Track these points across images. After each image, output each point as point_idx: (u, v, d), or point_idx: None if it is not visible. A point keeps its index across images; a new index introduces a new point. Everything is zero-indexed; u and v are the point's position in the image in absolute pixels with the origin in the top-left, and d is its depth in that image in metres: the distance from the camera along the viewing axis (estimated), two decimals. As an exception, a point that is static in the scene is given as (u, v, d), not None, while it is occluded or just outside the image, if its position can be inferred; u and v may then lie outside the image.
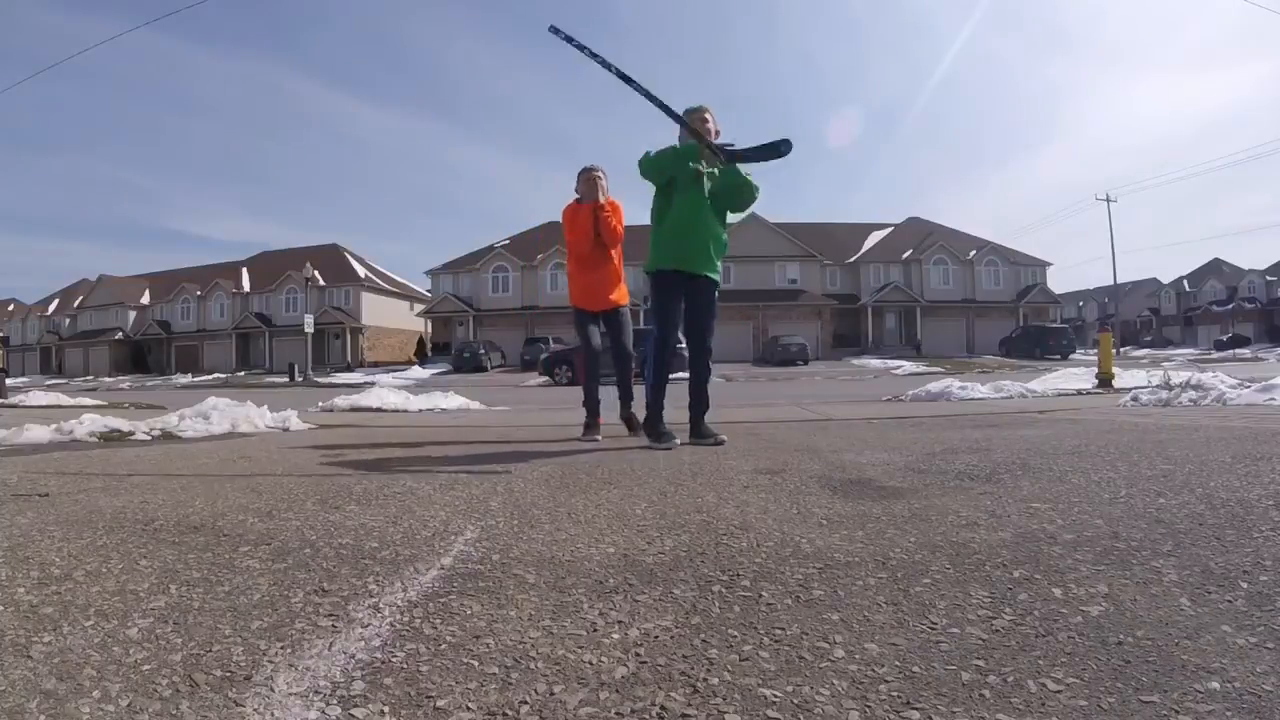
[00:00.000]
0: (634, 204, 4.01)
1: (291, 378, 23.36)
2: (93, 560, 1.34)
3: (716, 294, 3.29)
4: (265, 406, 4.62)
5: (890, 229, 39.88)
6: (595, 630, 0.97)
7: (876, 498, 1.80)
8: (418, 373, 26.90)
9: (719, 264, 3.26)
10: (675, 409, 3.27)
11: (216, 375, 31.00)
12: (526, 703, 0.77)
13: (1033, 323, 34.55)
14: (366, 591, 1.14)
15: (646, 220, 3.36)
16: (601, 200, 3.66)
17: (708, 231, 3.17)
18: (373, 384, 11.07)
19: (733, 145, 3.05)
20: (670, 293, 3.19)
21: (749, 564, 1.26)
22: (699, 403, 3.30)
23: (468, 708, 0.76)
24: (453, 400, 6.95)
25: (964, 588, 1.10)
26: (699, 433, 3.22)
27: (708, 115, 3.11)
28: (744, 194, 3.15)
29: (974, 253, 37.03)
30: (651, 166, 3.12)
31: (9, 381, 9.95)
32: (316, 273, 34.32)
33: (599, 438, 3.58)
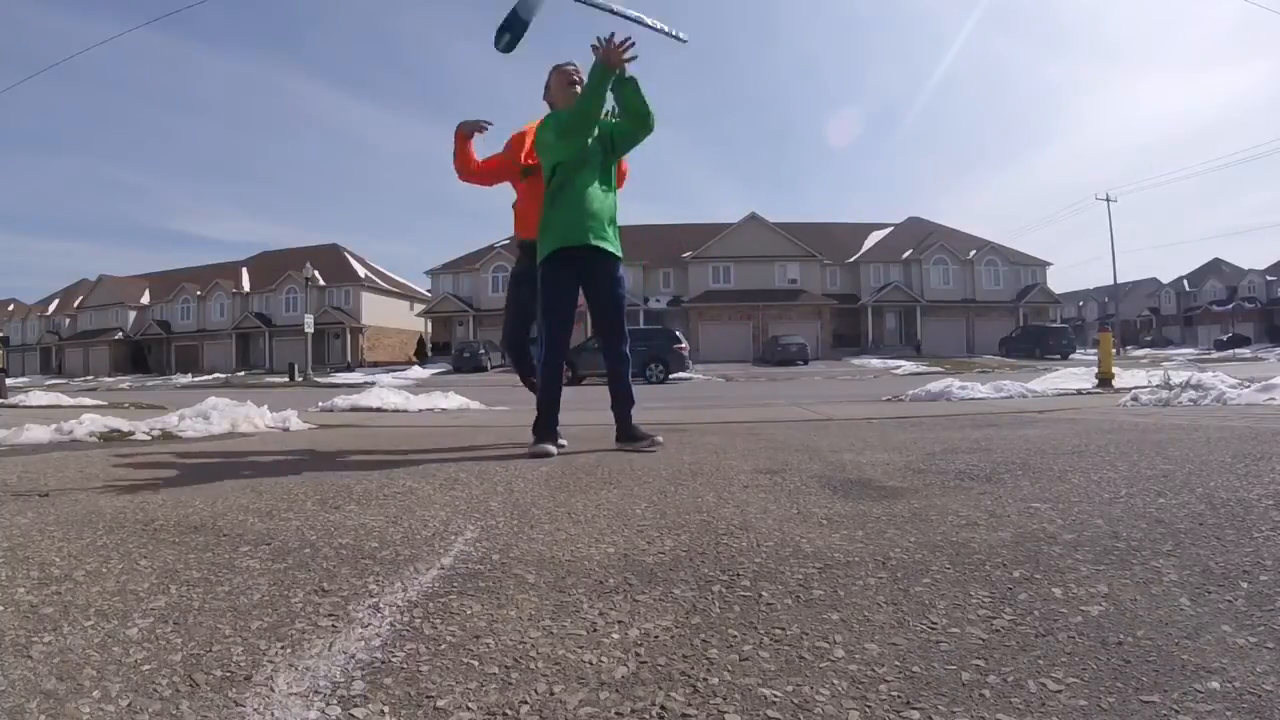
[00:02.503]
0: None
1: (291, 378, 23.37)
2: (93, 560, 1.34)
3: (620, 273, 3.01)
4: (265, 406, 4.62)
5: (890, 229, 39.91)
6: (595, 630, 0.97)
7: (876, 497, 1.80)
8: (418, 373, 26.91)
9: (615, 238, 2.97)
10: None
11: (216, 375, 31.01)
12: (526, 703, 0.77)
13: (1033, 322, 34.61)
14: (366, 591, 1.14)
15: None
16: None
17: (599, 201, 2.89)
18: (373, 384, 11.07)
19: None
20: (561, 278, 2.88)
21: (749, 564, 1.25)
22: (622, 399, 2.94)
23: (468, 708, 0.76)
24: (453, 400, 6.95)
25: (964, 587, 1.10)
26: (629, 434, 2.88)
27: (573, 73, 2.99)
28: (646, 120, 2.89)
29: (974, 252, 37.06)
30: (576, 128, 2.80)
31: (9, 381, 9.95)
32: (316, 273, 34.34)
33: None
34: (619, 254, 2.99)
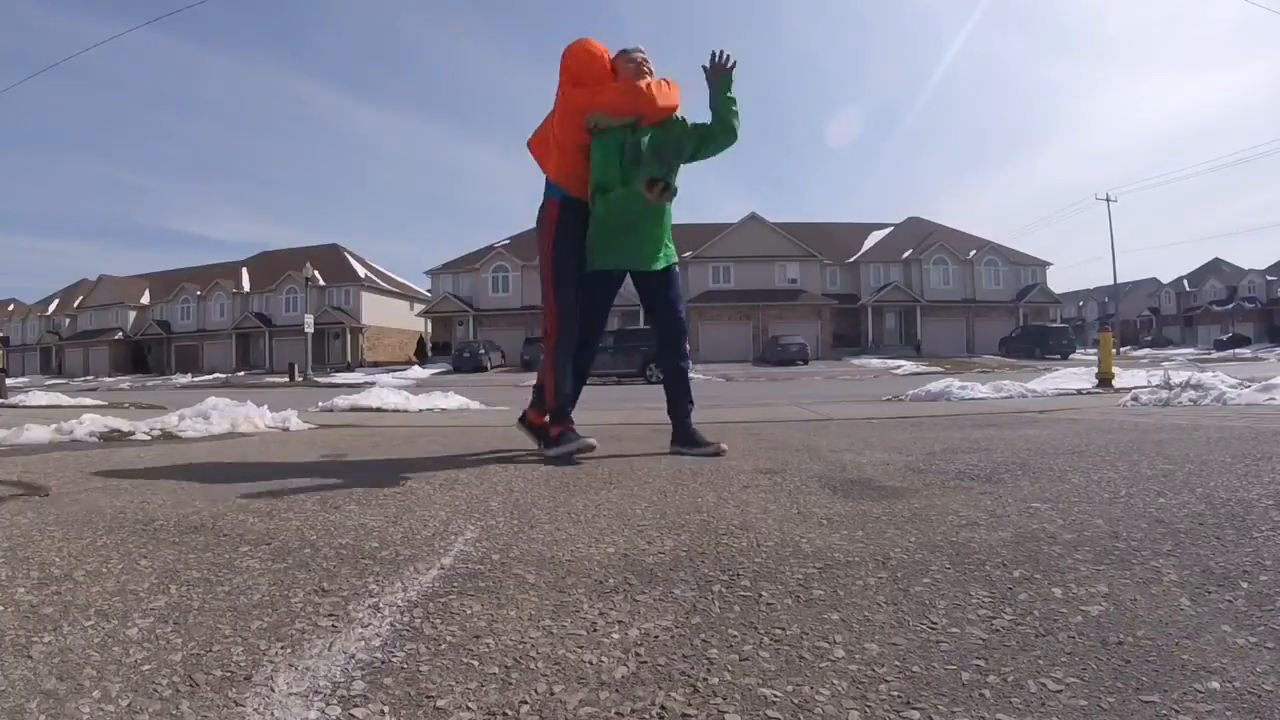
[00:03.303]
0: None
1: (291, 378, 23.36)
2: (93, 560, 1.34)
3: (674, 281, 2.90)
4: (265, 406, 4.62)
5: (890, 229, 39.91)
6: (595, 630, 0.97)
7: (877, 497, 1.80)
8: (418, 372, 26.91)
9: (669, 246, 2.88)
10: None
11: (216, 375, 31.02)
12: (526, 703, 0.77)
13: (1033, 322, 34.60)
14: (366, 591, 1.14)
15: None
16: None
17: (653, 219, 2.79)
18: (373, 384, 11.06)
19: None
20: (602, 287, 2.86)
21: (749, 564, 1.26)
22: (680, 400, 2.85)
23: (468, 708, 0.76)
24: (453, 400, 6.94)
25: (964, 587, 1.10)
26: (686, 438, 2.79)
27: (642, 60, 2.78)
28: (735, 131, 2.81)
29: (974, 252, 37.05)
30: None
31: (9, 381, 9.95)
32: (316, 273, 34.35)
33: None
34: (673, 260, 2.91)
